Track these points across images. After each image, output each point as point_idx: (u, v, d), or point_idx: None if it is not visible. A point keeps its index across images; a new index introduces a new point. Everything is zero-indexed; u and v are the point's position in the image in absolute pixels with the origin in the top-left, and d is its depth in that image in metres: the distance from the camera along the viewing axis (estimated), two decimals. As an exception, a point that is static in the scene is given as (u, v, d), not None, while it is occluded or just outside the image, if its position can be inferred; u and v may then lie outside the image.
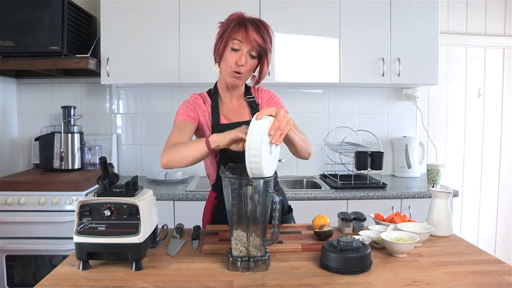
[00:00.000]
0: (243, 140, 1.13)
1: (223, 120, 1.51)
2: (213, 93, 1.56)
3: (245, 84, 1.57)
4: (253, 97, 1.57)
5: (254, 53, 1.41)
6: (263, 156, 1.04)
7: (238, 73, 1.42)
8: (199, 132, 1.54)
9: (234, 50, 1.40)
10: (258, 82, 1.52)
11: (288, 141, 1.30)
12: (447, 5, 2.97)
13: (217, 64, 1.49)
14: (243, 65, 1.40)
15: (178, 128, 1.43)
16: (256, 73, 1.50)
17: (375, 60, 2.59)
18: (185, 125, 1.44)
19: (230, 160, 1.28)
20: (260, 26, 1.39)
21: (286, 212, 1.64)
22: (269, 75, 1.52)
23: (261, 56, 1.43)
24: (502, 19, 3.04)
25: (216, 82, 1.58)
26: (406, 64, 2.59)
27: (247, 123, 1.22)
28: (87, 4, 2.74)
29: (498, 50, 3.06)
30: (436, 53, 2.61)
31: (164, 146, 1.35)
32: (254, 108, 1.54)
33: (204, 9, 2.51)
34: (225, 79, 1.46)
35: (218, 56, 1.45)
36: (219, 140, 1.20)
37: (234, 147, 1.19)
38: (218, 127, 1.47)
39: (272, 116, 1.10)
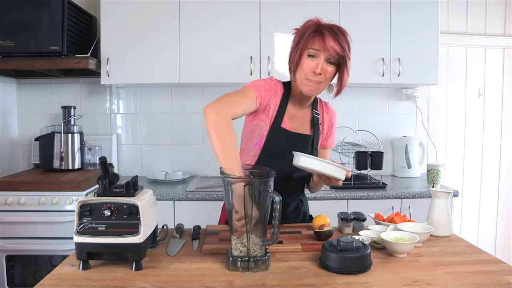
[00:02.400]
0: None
1: (285, 123, 1.45)
2: (286, 91, 1.47)
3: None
4: (318, 114, 1.53)
5: (332, 60, 1.34)
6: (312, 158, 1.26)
7: (315, 81, 1.36)
8: (254, 115, 1.44)
9: (310, 56, 1.34)
10: (339, 92, 1.44)
11: (318, 179, 1.43)
12: (447, 5, 2.97)
13: (292, 74, 1.42)
14: (320, 74, 1.34)
15: (242, 94, 1.35)
16: (333, 82, 1.42)
17: (375, 60, 2.59)
18: (249, 98, 1.35)
19: (271, 159, 1.31)
20: (337, 33, 1.32)
21: (308, 220, 1.64)
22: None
23: (340, 64, 1.35)
24: (502, 19, 3.04)
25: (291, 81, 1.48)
26: (406, 64, 2.59)
27: (304, 137, 1.45)
28: (87, 4, 2.74)
29: (498, 50, 3.06)
30: (436, 53, 2.61)
31: (217, 101, 1.27)
32: (316, 124, 1.51)
33: (204, 9, 2.50)
34: (301, 88, 1.39)
35: (294, 65, 1.38)
36: (229, 170, 1.14)
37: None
38: (276, 131, 1.43)
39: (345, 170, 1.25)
